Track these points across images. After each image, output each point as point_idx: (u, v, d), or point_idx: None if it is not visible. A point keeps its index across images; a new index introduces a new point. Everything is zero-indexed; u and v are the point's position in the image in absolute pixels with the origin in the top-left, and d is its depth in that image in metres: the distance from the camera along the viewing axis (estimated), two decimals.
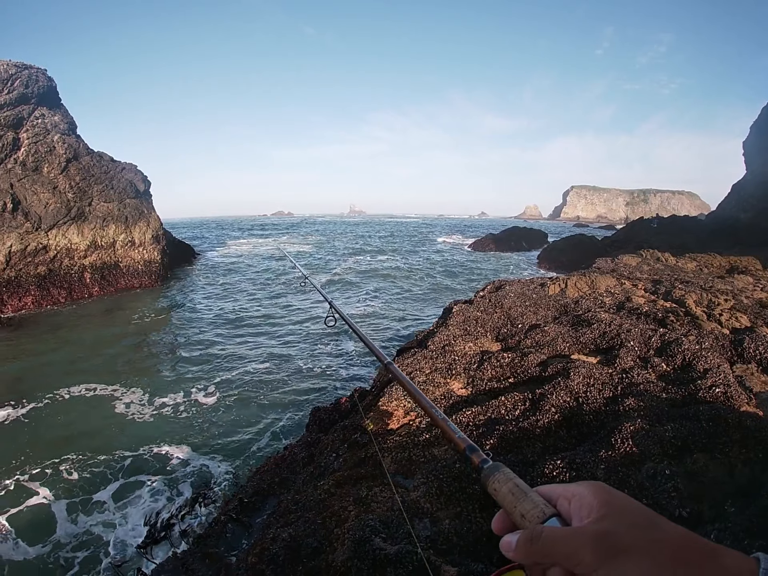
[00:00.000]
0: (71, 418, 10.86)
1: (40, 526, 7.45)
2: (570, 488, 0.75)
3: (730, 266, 18.65)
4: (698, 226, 38.06)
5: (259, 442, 9.59)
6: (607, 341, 7.49)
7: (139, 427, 10.52)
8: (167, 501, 8.01)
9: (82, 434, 10.11)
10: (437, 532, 3.83)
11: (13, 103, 25.26)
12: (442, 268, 36.38)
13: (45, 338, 17.82)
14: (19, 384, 13.05)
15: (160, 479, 8.58)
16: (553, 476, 4.13)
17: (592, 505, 0.69)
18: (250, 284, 28.01)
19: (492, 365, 7.01)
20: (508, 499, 0.82)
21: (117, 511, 7.85)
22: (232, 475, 8.56)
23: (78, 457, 9.20)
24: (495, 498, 0.86)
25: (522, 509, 0.77)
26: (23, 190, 24.44)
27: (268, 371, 13.40)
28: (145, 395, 12.09)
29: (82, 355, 15.76)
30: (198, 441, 9.76)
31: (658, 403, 5.28)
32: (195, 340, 16.76)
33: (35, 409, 11.27)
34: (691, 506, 3.65)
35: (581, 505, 0.71)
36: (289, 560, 3.87)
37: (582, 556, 0.63)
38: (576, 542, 0.65)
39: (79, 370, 14.03)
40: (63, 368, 14.40)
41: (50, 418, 10.88)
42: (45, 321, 20.33)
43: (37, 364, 14.99)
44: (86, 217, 26.20)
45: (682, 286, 11.55)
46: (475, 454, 0.97)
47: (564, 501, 0.74)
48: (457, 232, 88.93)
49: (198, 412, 11.12)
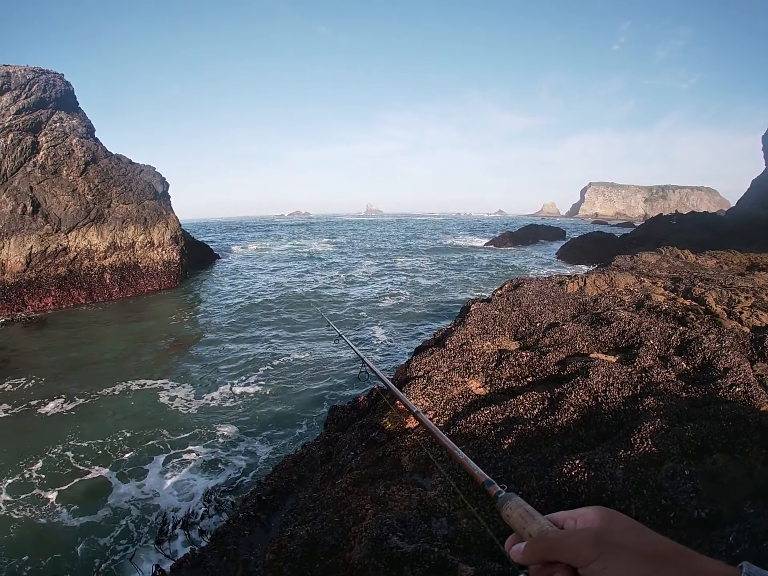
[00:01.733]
0: (120, 407, 11.68)
1: (94, 496, 8.28)
2: (576, 510, 0.83)
3: (751, 263, 18.37)
4: (718, 223, 37.55)
5: (283, 437, 9.79)
6: (626, 340, 7.42)
7: (184, 416, 11.21)
8: (209, 479, 8.60)
9: (131, 420, 10.92)
10: (454, 531, 3.83)
11: (31, 108, 25.65)
12: (468, 265, 36.36)
13: (77, 335, 18.54)
14: (65, 377, 13.84)
15: (203, 457, 9.25)
16: (571, 476, 4.11)
17: (594, 518, 0.77)
18: (271, 285, 28.12)
19: (510, 364, 6.98)
20: (519, 522, 0.90)
21: (156, 488, 8.51)
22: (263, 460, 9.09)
23: (127, 439, 10.01)
24: (507, 522, 0.95)
25: (530, 529, 0.86)
26: (43, 192, 24.83)
27: (288, 371, 13.50)
28: (185, 388, 12.78)
29: (117, 352, 16.43)
30: (240, 428, 10.30)
31: (677, 402, 5.22)
32: (217, 340, 16.95)
33: (86, 401, 12.06)
34: (710, 507, 3.62)
35: (585, 521, 0.79)
36: (307, 558, 3.89)
37: (581, 550, 0.71)
38: (576, 539, 0.74)
39: (120, 367, 14.79)
40: (102, 364, 15.17)
41: (100, 408, 11.69)
42: (66, 320, 20.76)
43: (77, 358, 15.75)
44: (105, 218, 26.52)
45: (701, 283, 11.41)
46: (491, 486, 1.11)
47: (570, 521, 0.82)
48: (478, 231, 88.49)
49: (236, 404, 11.72)
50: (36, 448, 9.53)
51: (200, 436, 9.96)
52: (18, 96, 25.22)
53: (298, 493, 6.20)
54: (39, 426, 10.77)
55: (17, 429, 10.69)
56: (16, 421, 11.03)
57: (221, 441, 9.79)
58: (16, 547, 7.04)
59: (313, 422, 10.25)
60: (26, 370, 14.24)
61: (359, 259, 41.55)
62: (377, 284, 28.05)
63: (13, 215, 23.35)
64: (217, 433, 10.08)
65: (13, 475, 8.69)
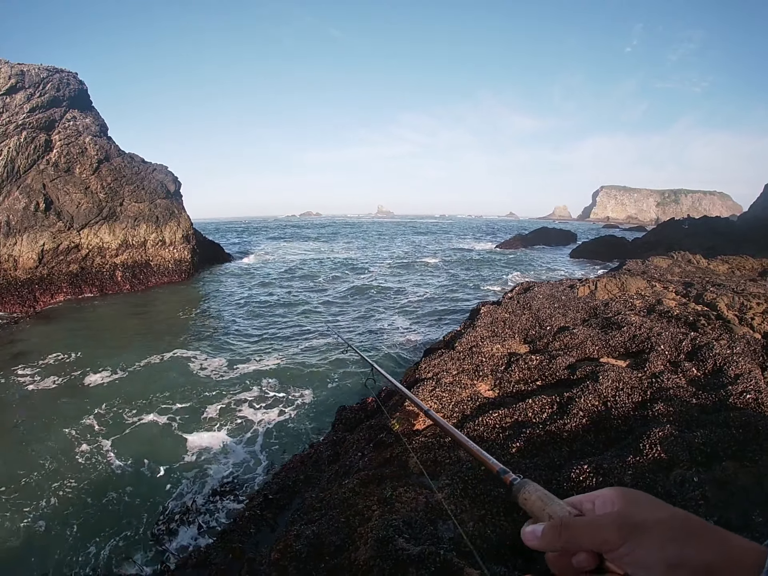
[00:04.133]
0: (161, 375, 13.01)
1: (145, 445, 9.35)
2: (594, 493, 0.80)
3: (763, 269, 18.21)
4: (730, 228, 37.25)
5: (291, 436, 9.86)
6: (637, 345, 7.39)
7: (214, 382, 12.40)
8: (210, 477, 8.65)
9: (172, 387, 12.05)
10: (461, 534, 3.82)
11: (45, 106, 25.90)
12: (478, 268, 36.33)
13: (95, 320, 19.69)
14: (102, 354, 14.84)
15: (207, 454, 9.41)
16: (579, 481, 4.09)
17: (613, 499, 0.75)
18: (279, 287, 28.11)
19: (520, 367, 6.97)
20: (538, 504, 0.87)
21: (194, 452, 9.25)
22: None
23: (171, 401, 11.23)
24: (524, 506, 0.91)
25: (550, 511, 0.82)
26: (55, 190, 25.05)
27: (295, 371, 13.48)
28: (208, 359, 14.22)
29: (134, 333, 17.78)
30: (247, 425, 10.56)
31: (687, 408, 5.19)
32: (222, 337, 17.00)
33: (129, 371, 13.25)
34: (719, 515, 3.59)
35: (604, 502, 0.76)
36: (312, 557, 3.90)
37: (607, 535, 0.69)
38: (601, 525, 0.71)
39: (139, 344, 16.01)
40: (124, 341, 16.59)
41: (142, 375, 12.97)
42: (77, 313, 21.05)
43: (97, 339, 16.84)
44: (118, 216, 26.71)
45: (713, 289, 11.33)
46: (506, 474, 1.05)
47: (588, 503, 0.79)
48: (488, 234, 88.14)
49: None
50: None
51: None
52: (32, 94, 25.47)
53: (304, 493, 6.21)
54: (84, 391, 11.94)
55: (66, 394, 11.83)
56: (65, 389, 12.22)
57: (227, 438, 9.85)
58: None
59: (320, 422, 10.24)
60: (52, 351, 15.03)
61: (369, 261, 41.50)
62: (385, 286, 28.00)
63: (26, 212, 23.57)
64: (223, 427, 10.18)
65: (70, 428, 9.91)
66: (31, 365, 13.71)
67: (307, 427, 10.08)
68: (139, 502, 7.72)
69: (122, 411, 10.56)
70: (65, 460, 8.79)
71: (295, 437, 9.73)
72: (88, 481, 8.21)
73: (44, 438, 9.53)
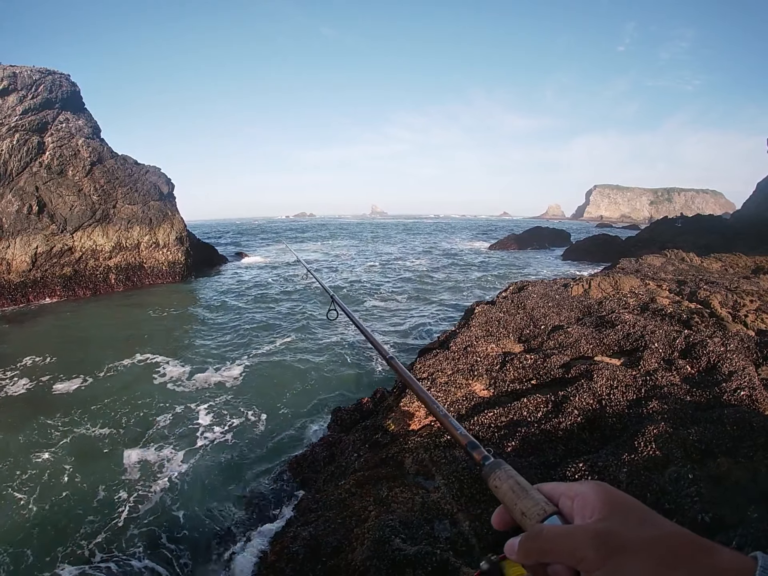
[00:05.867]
0: (124, 385, 12.22)
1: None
2: (573, 487, 0.76)
3: (756, 266, 18.32)
4: (723, 226, 37.44)
5: (286, 438, 9.62)
6: (630, 343, 7.41)
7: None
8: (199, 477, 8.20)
9: (135, 397, 11.40)
10: (457, 533, 3.83)
11: (37, 108, 25.77)
12: (472, 268, 36.32)
13: (70, 325, 19.01)
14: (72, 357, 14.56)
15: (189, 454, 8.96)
16: (575, 479, 4.10)
17: (594, 504, 0.70)
18: (274, 288, 28.00)
19: (514, 367, 6.98)
20: (509, 496, 0.82)
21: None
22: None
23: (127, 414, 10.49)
24: (496, 494, 0.86)
25: (522, 506, 0.78)
26: (48, 192, 24.92)
27: (287, 369, 13.44)
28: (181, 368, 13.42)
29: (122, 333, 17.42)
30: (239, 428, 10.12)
31: (682, 405, 5.21)
32: (215, 337, 16.93)
33: (98, 379, 12.69)
34: (714, 511, 3.60)
35: (584, 504, 0.71)
36: (309, 559, 3.90)
37: (584, 553, 0.64)
38: (578, 539, 0.66)
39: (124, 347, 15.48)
40: (109, 344, 15.91)
41: (106, 385, 12.26)
42: (61, 314, 20.84)
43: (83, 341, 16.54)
44: (111, 219, 26.58)
45: (707, 286, 11.38)
46: (476, 450, 0.97)
47: (566, 500, 0.75)
48: (482, 233, 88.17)
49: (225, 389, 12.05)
50: None
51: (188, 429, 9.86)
52: (24, 96, 25.35)
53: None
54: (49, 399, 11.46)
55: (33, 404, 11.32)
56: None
57: (213, 439, 9.63)
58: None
59: (316, 424, 10.21)
60: (28, 354, 14.68)
61: (362, 262, 41.50)
62: (378, 287, 27.99)
63: (18, 215, 23.46)
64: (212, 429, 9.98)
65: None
66: (6, 368, 13.41)
67: (303, 429, 10.01)
68: (64, 520, 7.05)
69: (76, 420, 10.07)
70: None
71: (289, 439, 9.64)
72: (6, 493, 7.67)
73: None
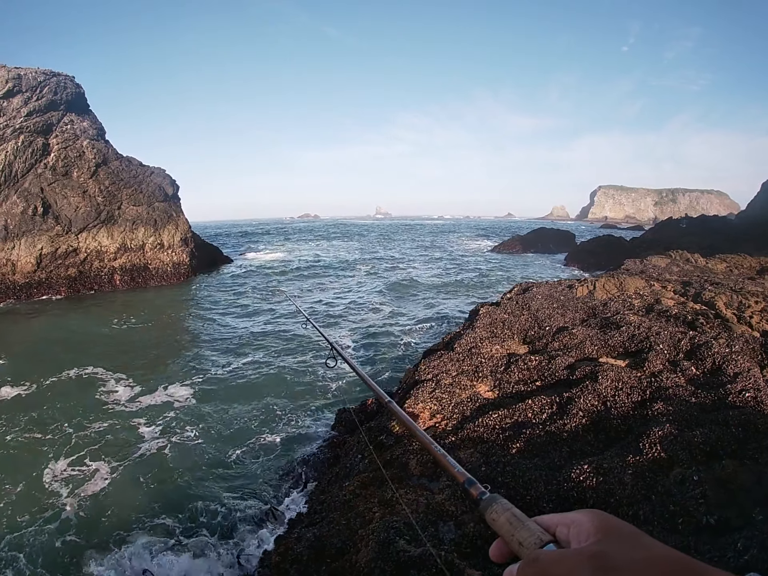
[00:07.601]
0: (68, 397, 11.52)
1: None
2: (569, 516, 0.77)
3: (761, 267, 18.24)
4: (728, 226, 37.34)
5: (291, 440, 9.54)
6: (635, 344, 7.39)
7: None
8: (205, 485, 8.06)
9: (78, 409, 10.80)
10: (462, 535, 3.83)
11: (42, 110, 25.92)
12: (476, 269, 36.22)
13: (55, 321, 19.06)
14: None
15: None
16: (579, 481, 4.10)
17: (589, 530, 0.71)
18: (273, 289, 27.91)
19: (519, 368, 6.97)
20: (506, 527, 0.83)
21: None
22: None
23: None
24: (493, 527, 0.87)
25: (519, 537, 0.79)
26: (53, 194, 25.06)
27: (292, 370, 13.45)
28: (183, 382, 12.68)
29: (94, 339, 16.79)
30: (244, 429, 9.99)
31: (687, 407, 5.19)
32: (224, 332, 16.94)
33: (45, 386, 12.16)
34: (719, 513, 3.59)
35: (579, 530, 0.72)
36: (314, 560, 3.90)
37: (580, 575, 0.64)
38: (573, 562, 0.66)
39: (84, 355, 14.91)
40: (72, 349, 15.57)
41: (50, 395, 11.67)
42: (43, 314, 20.74)
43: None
44: (116, 220, 26.68)
45: (712, 287, 11.35)
46: (473, 486, 0.99)
47: (563, 528, 0.76)
48: (486, 235, 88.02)
49: (240, 405, 11.40)
50: None
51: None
52: (29, 98, 25.49)
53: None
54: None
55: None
56: None
57: (217, 443, 9.54)
58: None
59: (320, 425, 10.18)
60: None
61: (368, 264, 41.41)
62: (383, 288, 27.93)
63: (23, 216, 23.61)
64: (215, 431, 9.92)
65: None
66: None
67: (307, 430, 9.96)
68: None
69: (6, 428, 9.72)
70: None
71: (294, 440, 9.57)
72: None
73: None
